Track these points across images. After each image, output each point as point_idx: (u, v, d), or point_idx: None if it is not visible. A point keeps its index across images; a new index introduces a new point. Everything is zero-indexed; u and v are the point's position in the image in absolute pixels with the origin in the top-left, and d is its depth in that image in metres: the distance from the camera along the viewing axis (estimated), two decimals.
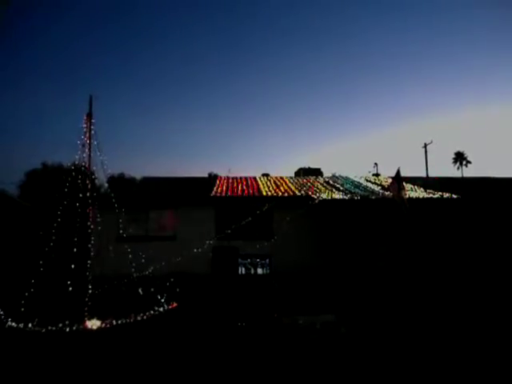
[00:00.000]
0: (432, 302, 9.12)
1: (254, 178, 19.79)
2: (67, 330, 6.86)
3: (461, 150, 60.29)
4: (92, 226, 8.48)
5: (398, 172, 12.13)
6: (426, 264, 12.11)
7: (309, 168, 21.83)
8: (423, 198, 13.93)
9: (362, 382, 5.03)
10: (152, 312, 7.91)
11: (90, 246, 8.07)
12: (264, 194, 15.60)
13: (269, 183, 18.18)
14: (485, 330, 7.06)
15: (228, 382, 5.07)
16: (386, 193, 14.23)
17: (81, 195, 8.23)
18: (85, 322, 7.24)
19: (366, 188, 16.33)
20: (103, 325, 7.26)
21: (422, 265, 12.05)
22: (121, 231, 11.31)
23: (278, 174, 21.26)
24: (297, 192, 15.77)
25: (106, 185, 17.16)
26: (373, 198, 14.06)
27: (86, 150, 8.09)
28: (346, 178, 19.75)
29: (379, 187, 16.43)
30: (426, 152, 31.15)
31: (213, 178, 32.97)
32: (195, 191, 16.68)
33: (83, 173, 8.23)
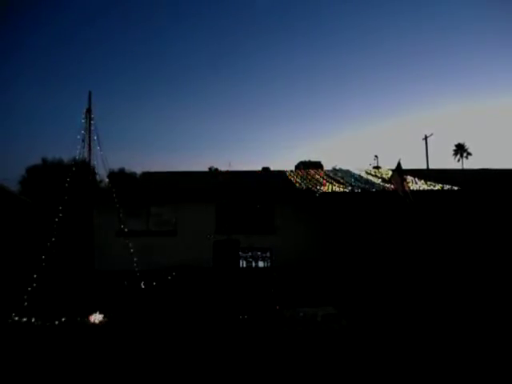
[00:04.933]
0: (433, 294, 9.15)
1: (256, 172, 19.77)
2: (70, 324, 6.91)
3: (461, 141, 60.12)
4: (93, 221, 8.50)
5: (399, 164, 12.09)
6: (428, 256, 12.13)
7: (309, 161, 21.84)
8: (424, 190, 13.91)
9: (364, 374, 5.06)
10: (153, 305, 7.95)
11: (91, 240, 8.09)
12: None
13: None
14: (484, 324, 7.08)
15: (230, 375, 5.10)
16: (387, 185, 14.22)
17: (81, 190, 8.25)
18: (88, 316, 7.29)
19: (367, 181, 16.31)
20: (105, 319, 7.30)
21: (424, 257, 12.07)
22: (122, 226, 11.33)
23: (279, 168, 21.28)
24: (297, 185, 15.76)
25: (107, 180, 17.16)
26: (373, 190, 14.06)
27: (86, 145, 8.09)
28: (347, 171, 19.72)
29: (380, 180, 16.41)
30: (426, 144, 31.06)
31: (214, 171, 32.91)
32: (196, 185, 16.68)
33: (83, 168, 8.23)
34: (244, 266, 11.52)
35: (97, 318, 7.33)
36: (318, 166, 21.40)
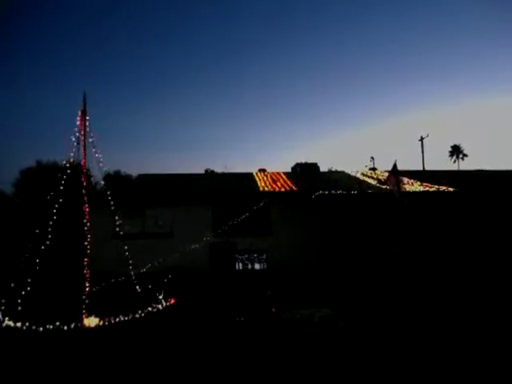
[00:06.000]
0: (430, 296, 9.16)
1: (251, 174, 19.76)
2: (65, 328, 6.84)
3: (457, 143, 60.53)
4: (88, 224, 8.42)
5: (395, 165, 12.14)
6: (424, 258, 12.16)
7: (305, 163, 21.86)
8: (420, 192, 13.96)
9: (361, 375, 5.04)
10: (150, 309, 7.89)
11: (86, 243, 8.01)
12: (261, 189, 15.58)
13: (265, 178, 18.16)
14: (484, 325, 7.09)
15: (227, 378, 5.06)
16: (383, 187, 14.25)
17: (76, 193, 8.17)
18: (82, 320, 7.21)
19: (362, 183, 16.35)
20: (101, 323, 7.23)
21: (420, 259, 12.09)
22: (117, 229, 11.25)
23: (275, 170, 21.26)
24: (294, 187, 15.76)
25: (102, 182, 17.07)
26: (369, 192, 14.08)
27: (81, 148, 8.02)
28: (343, 173, 19.77)
29: (376, 181, 16.45)
30: (422, 145, 31.24)
31: (209, 174, 32.87)
32: (192, 188, 16.63)
33: (78, 170, 8.17)
34: (240, 268, 11.49)
35: (92, 321, 7.26)
36: (314, 167, 21.43)
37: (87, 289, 7.73)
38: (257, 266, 12.03)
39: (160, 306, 8.12)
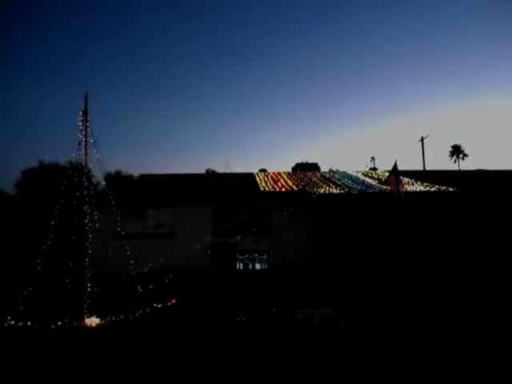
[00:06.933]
0: (430, 295, 9.17)
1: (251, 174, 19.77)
2: (67, 327, 6.86)
3: (457, 143, 60.36)
4: (89, 224, 8.45)
5: (395, 165, 12.14)
6: (425, 258, 12.16)
7: (306, 163, 21.89)
8: (421, 191, 13.95)
9: (361, 375, 5.05)
10: (151, 309, 7.92)
11: (87, 243, 8.05)
12: (262, 189, 15.59)
13: (266, 179, 18.17)
14: (483, 324, 7.10)
15: (228, 378, 5.08)
16: (384, 186, 14.25)
17: (78, 193, 8.21)
18: (84, 319, 7.25)
19: (363, 182, 16.35)
20: (102, 322, 7.26)
21: (421, 258, 12.09)
22: (119, 229, 11.27)
23: (276, 170, 21.28)
24: (294, 187, 15.76)
25: (104, 182, 17.11)
26: (370, 191, 14.09)
27: (82, 148, 8.05)
28: (344, 173, 19.76)
29: (376, 181, 16.45)
30: (422, 145, 31.16)
31: (210, 174, 32.89)
32: (193, 188, 16.65)
33: (80, 171, 8.20)
34: (241, 268, 11.54)
35: (93, 321, 7.29)
36: (314, 167, 21.44)
37: (88, 289, 7.76)
38: (257, 266, 12.10)
39: (161, 306, 8.14)
